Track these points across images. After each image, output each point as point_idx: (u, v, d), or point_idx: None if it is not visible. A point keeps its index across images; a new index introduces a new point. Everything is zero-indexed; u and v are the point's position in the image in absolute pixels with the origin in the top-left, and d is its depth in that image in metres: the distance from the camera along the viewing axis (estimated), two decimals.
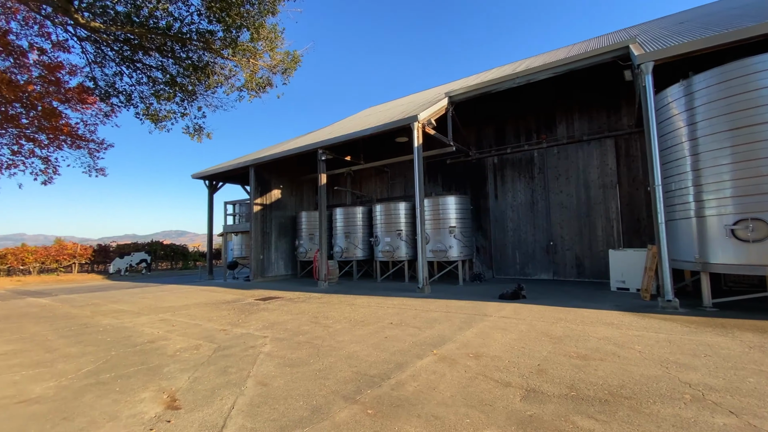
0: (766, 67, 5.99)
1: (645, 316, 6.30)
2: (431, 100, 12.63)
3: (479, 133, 14.46)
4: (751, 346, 4.47)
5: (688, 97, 6.87)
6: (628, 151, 11.33)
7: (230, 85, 9.98)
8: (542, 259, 12.77)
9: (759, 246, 5.93)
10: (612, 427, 2.73)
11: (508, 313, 6.89)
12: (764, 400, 3.08)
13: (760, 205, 5.92)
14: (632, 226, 11.14)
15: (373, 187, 17.47)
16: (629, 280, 8.97)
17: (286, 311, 8.08)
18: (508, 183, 13.67)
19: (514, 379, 3.70)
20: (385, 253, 13.12)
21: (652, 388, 3.38)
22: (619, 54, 8.81)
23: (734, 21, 7.58)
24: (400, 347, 4.97)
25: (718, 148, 6.37)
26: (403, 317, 6.88)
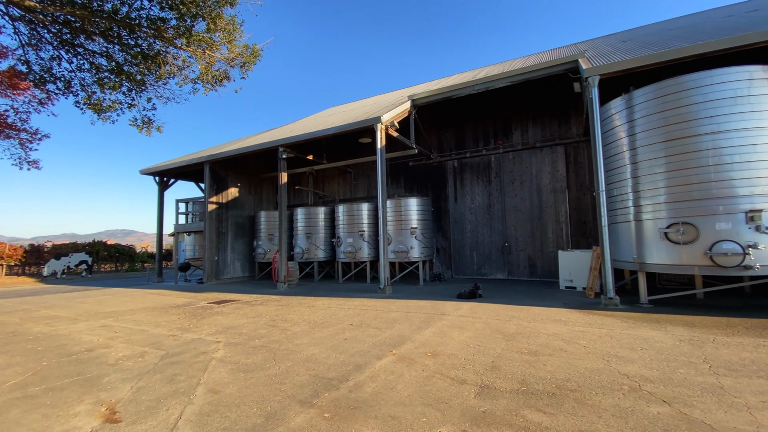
0: (697, 84, 6.62)
1: (590, 312, 6.74)
2: (394, 103, 12.73)
3: (441, 136, 14.78)
4: (681, 340, 4.90)
5: (629, 110, 7.45)
6: (577, 159, 12.08)
7: (184, 77, 9.45)
8: (498, 259, 13.28)
9: (688, 248, 6.54)
10: (558, 420, 2.88)
11: (465, 312, 7.08)
12: (693, 390, 3.38)
13: (690, 210, 6.54)
14: (579, 229, 11.88)
15: (336, 187, 17.32)
16: (576, 279, 9.55)
17: (241, 315, 7.78)
18: (467, 186, 14.08)
19: (469, 377, 3.80)
20: (348, 254, 13.03)
21: (594, 381, 3.61)
22: (569, 67, 9.38)
23: (671, 42, 8.32)
24: (360, 348, 4.95)
25: (653, 158, 6.96)
26: (363, 318, 6.86)
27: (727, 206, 6.20)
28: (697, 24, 10.78)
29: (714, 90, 6.46)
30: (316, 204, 16.84)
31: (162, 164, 16.51)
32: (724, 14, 11.49)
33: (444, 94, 11.56)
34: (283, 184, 12.32)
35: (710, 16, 12.21)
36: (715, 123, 6.37)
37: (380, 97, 19.50)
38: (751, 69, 6.41)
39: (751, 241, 6.03)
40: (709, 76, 6.51)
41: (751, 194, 6.13)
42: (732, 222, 6.16)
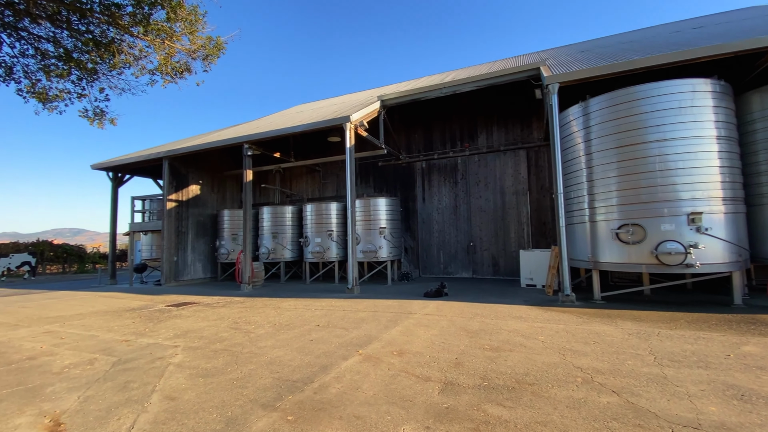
0: (646, 95, 7.10)
1: (548, 309, 7.06)
2: (363, 102, 12.72)
3: (409, 137, 14.93)
4: (630, 333, 5.24)
5: (585, 117, 7.87)
6: (538, 162, 12.61)
7: (141, 67, 8.95)
8: (463, 258, 13.60)
9: (637, 247, 7.00)
10: (517, 413, 2.99)
11: (431, 311, 7.20)
12: (639, 380, 3.62)
13: (639, 212, 7.00)
14: (539, 229, 12.40)
15: (304, 186, 17.04)
16: (536, 277, 9.97)
17: (202, 317, 7.48)
18: (435, 187, 14.31)
19: (433, 374, 3.87)
20: (315, 254, 12.87)
21: (551, 374, 3.78)
22: (531, 74, 9.77)
23: (624, 54, 8.86)
24: (326, 349, 4.90)
25: (607, 163, 7.40)
26: (330, 319, 6.80)
27: (672, 209, 6.70)
28: (647, 38, 11.56)
29: (661, 100, 6.96)
30: (283, 203, 16.50)
31: (116, 159, 15.55)
32: (672, 30, 12.40)
33: (413, 96, 11.69)
34: (248, 181, 11.97)
35: (659, 31, 13.14)
36: (661, 131, 6.86)
37: (349, 96, 19.41)
38: (694, 82, 6.97)
39: (692, 241, 6.55)
40: (657, 87, 7.01)
41: (692, 198, 6.66)
42: (675, 223, 6.66)
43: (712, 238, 6.51)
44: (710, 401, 3.12)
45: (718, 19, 12.60)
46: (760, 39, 6.71)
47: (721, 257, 6.56)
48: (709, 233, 6.49)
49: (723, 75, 7.33)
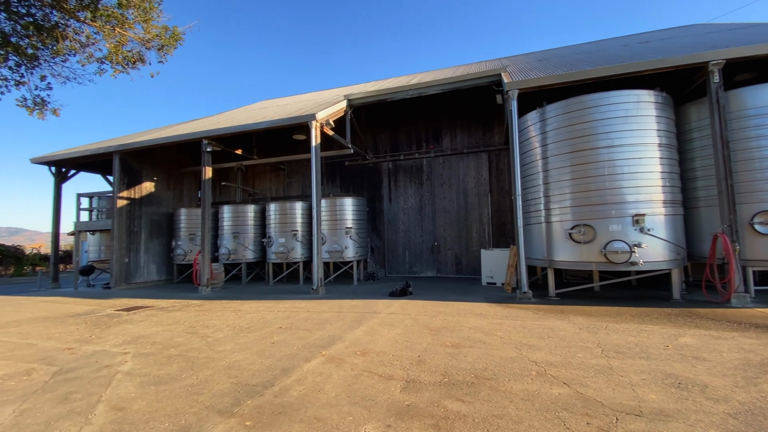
0: (597, 104, 7.56)
1: (507, 306, 7.33)
2: (330, 101, 12.60)
3: (376, 138, 14.96)
4: (581, 328, 5.56)
5: (542, 123, 8.25)
6: (498, 165, 13.07)
7: (88, 55, 8.34)
8: (428, 258, 13.83)
9: (588, 246, 7.44)
10: (475, 407, 3.08)
11: (395, 310, 7.26)
12: (588, 372, 3.84)
13: (589, 213, 7.44)
14: (500, 229, 12.86)
15: (268, 184, 16.60)
16: (496, 275, 10.33)
17: (156, 322, 7.09)
18: (401, 188, 14.45)
19: (396, 372, 3.90)
20: (279, 255, 12.58)
21: (508, 369, 3.93)
22: (493, 80, 10.11)
23: (578, 64, 9.38)
24: (288, 352, 4.81)
25: (561, 167, 7.81)
26: (294, 320, 6.67)
27: (619, 210, 7.19)
28: (599, 50, 12.31)
29: (610, 109, 7.44)
30: (245, 202, 15.98)
31: (60, 152, 14.38)
32: (621, 43, 13.28)
33: (379, 97, 11.74)
34: (207, 179, 11.49)
35: (610, 44, 14.03)
36: (610, 138, 7.34)
37: (315, 94, 19.16)
38: (639, 93, 7.51)
39: (637, 240, 7.05)
40: (606, 97, 7.48)
41: (637, 201, 7.17)
42: (622, 224, 7.15)
43: (654, 238, 7.04)
44: (651, 389, 3.37)
45: (662, 35, 13.65)
46: (697, 55, 7.36)
47: (662, 256, 7.12)
48: (651, 233, 7.02)
49: (665, 87, 7.94)
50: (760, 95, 7.38)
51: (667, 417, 2.86)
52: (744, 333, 5.03)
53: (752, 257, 7.17)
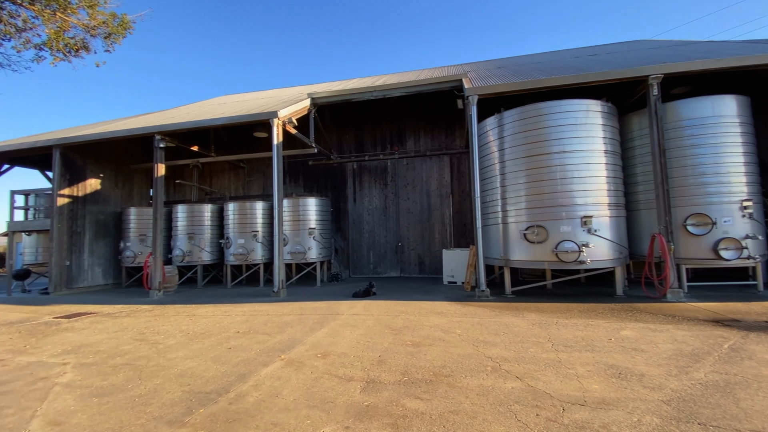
0: (550, 111, 7.97)
1: (466, 304, 7.55)
2: (293, 99, 12.37)
3: (341, 138, 14.87)
4: (533, 324, 5.84)
5: (499, 128, 8.59)
6: (460, 168, 13.44)
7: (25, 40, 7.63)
8: (392, 258, 13.95)
9: (541, 246, 7.83)
10: (433, 404, 3.15)
11: (358, 311, 7.25)
12: (539, 365, 4.04)
13: (542, 215, 7.84)
14: (461, 230, 13.23)
15: (227, 183, 16.00)
16: (457, 274, 10.61)
17: (100, 329, 6.62)
18: (366, 188, 14.46)
19: (356, 373, 3.90)
20: (238, 256, 12.15)
21: (465, 365, 4.06)
22: (455, 85, 10.37)
23: (534, 73, 9.85)
24: (245, 357, 4.66)
25: (517, 170, 8.17)
26: (252, 324, 6.48)
27: (569, 212, 7.63)
28: (553, 60, 13.00)
29: (562, 117, 7.88)
30: (202, 201, 15.29)
31: None
32: (572, 55, 14.10)
33: (344, 96, 11.68)
34: (159, 176, 10.87)
35: (563, 55, 14.85)
36: (561, 144, 7.77)
37: (278, 91, 18.72)
38: (588, 102, 8.01)
39: (585, 241, 7.51)
40: (558, 105, 7.92)
41: (585, 203, 7.64)
42: (572, 225, 7.59)
43: (600, 239, 7.55)
44: (594, 380, 3.61)
45: (609, 48, 14.65)
46: (639, 69, 7.97)
47: (607, 255, 7.64)
48: (597, 234, 7.52)
49: (610, 98, 8.53)
50: (693, 108, 8.13)
51: (608, 405, 3.08)
52: (677, 325, 5.51)
53: (685, 256, 7.88)
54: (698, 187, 7.84)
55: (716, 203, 7.69)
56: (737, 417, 2.82)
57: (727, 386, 3.37)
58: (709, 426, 2.72)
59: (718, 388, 3.34)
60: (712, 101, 8.02)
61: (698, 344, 4.58)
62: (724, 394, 3.22)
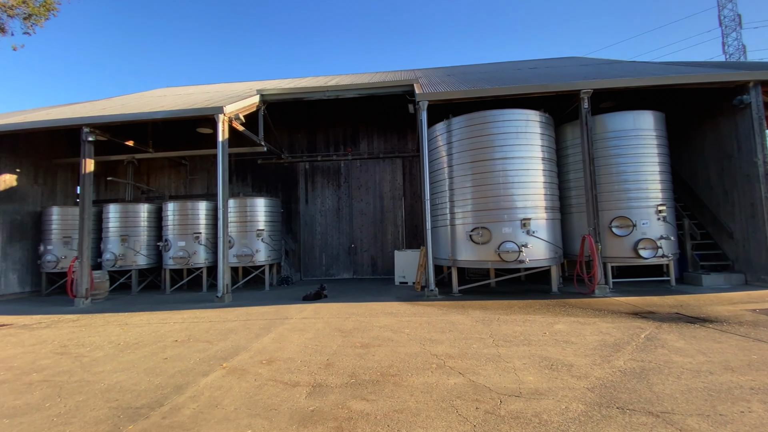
0: (494, 119, 8.41)
1: (415, 304, 7.73)
2: (241, 94, 11.88)
3: (292, 137, 14.54)
4: (477, 321, 6.11)
5: (448, 133, 8.91)
6: (412, 171, 13.73)
7: None
8: (345, 260, 13.88)
9: (485, 247, 8.22)
10: (378, 405, 3.19)
11: (308, 314, 7.13)
12: (480, 361, 4.24)
13: (486, 217, 8.24)
14: (412, 231, 13.51)
15: (167, 181, 14.96)
16: (408, 275, 10.82)
17: (14, 343, 5.89)
18: (318, 189, 14.26)
19: (303, 378, 3.84)
20: (179, 260, 11.41)
21: (412, 364, 4.15)
22: (407, 89, 10.58)
23: (480, 83, 10.32)
24: (183, 367, 4.39)
25: (464, 175, 8.53)
26: (193, 332, 6.12)
27: (510, 215, 8.09)
28: (498, 71, 13.73)
29: (504, 125, 8.35)
30: (138, 200, 14.16)
31: None
32: (515, 67, 14.97)
33: (295, 95, 11.44)
34: (87, 173, 9.91)
35: (506, 66, 15.73)
36: (504, 151, 8.24)
37: (225, 85, 17.89)
38: (528, 112, 8.56)
39: (524, 241, 8.01)
40: (502, 113, 8.39)
41: (524, 207, 8.15)
42: (512, 227, 8.06)
43: (538, 239, 8.09)
44: (529, 372, 3.86)
45: (548, 63, 15.76)
46: (573, 83, 8.66)
47: (544, 254, 8.21)
48: (535, 235, 8.05)
49: (548, 109, 9.18)
50: (618, 121, 8.99)
51: (540, 395, 3.31)
52: (603, 319, 6.05)
53: (611, 255, 8.68)
54: (621, 192, 8.69)
55: (636, 207, 8.57)
56: (650, 400, 3.15)
57: (643, 372, 3.76)
58: (626, 409, 3.01)
59: (635, 374, 3.72)
60: (634, 116, 8.93)
61: (620, 335, 5.07)
62: (640, 379, 3.59)
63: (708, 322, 5.60)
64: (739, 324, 5.41)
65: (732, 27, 45.63)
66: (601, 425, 2.76)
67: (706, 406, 2.99)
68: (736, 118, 8.86)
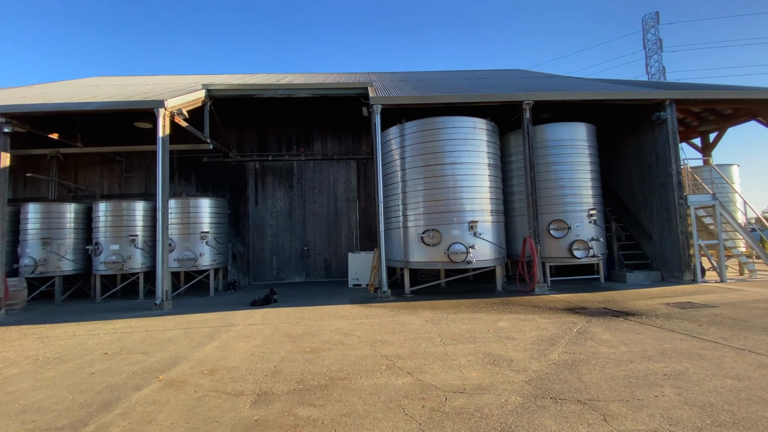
0: (444, 126, 8.72)
1: (368, 306, 7.75)
2: (185, 88, 11.22)
3: (242, 135, 13.97)
4: (427, 321, 6.26)
5: (401, 138, 9.07)
6: (366, 173, 13.78)
7: None
8: (297, 263, 13.58)
9: (436, 248, 8.47)
10: (326, 410, 3.16)
11: (256, 320, 6.88)
12: (428, 359, 4.35)
13: (437, 220, 8.50)
14: (367, 233, 13.55)
15: (98, 179, 13.70)
16: (362, 277, 10.84)
17: None
18: (269, 190, 13.83)
19: (247, 387, 3.69)
20: (111, 265, 10.48)
21: (361, 366, 4.15)
22: (361, 92, 10.61)
23: (432, 89, 10.64)
24: (113, 382, 4.04)
25: (416, 178, 8.73)
26: (125, 343, 5.65)
27: (459, 218, 8.42)
28: (448, 79, 14.22)
29: (454, 131, 8.68)
30: (64, 199, 12.82)
31: None
32: (464, 77, 15.59)
33: (245, 91, 11.00)
34: (2, 168, 8.80)
35: (456, 76, 16.34)
36: (453, 156, 8.56)
37: (167, 77, 16.79)
38: (475, 120, 8.95)
39: (471, 243, 8.36)
40: (451, 120, 8.71)
41: (472, 210, 8.52)
42: (461, 229, 8.39)
43: (484, 241, 8.48)
44: (473, 369, 4.03)
45: (495, 74, 16.61)
46: (516, 94, 9.21)
47: (489, 255, 8.62)
48: (482, 237, 8.44)
49: (494, 117, 9.67)
50: (556, 131, 9.69)
51: (483, 390, 3.46)
52: (541, 315, 6.48)
53: (549, 255, 9.32)
54: (558, 197, 9.38)
55: (571, 211, 9.29)
56: (579, 389, 3.42)
57: (574, 364, 4.07)
58: (558, 399, 3.25)
59: (567, 366, 4.02)
60: (570, 127, 9.69)
61: (555, 330, 5.45)
62: (571, 371, 3.88)
63: (630, 315, 6.21)
64: (656, 316, 6.06)
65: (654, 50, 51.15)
66: (536, 415, 2.95)
67: (626, 392, 3.31)
68: (655, 132, 9.93)
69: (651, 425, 2.74)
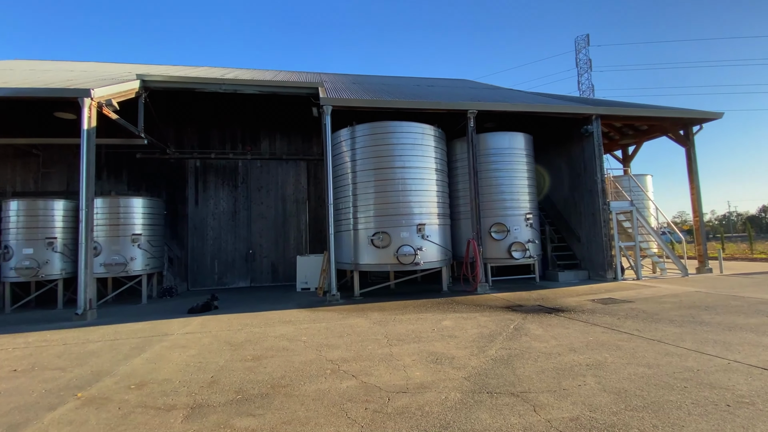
0: (394, 130, 8.88)
1: (316, 310, 7.63)
2: (116, 77, 10.31)
3: (181, 131, 13.12)
4: (375, 322, 6.30)
5: (352, 140, 9.07)
6: (317, 174, 13.58)
7: None
8: (241, 267, 13.00)
9: (385, 251, 8.56)
10: (266, 419, 3.05)
11: (193, 328, 6.47)
12: (374, 361, 4.37)
13: (387, 222, 8.60)
14: (317, 236, 13.34)
15: (10, 174, 12.12)
16: (311, 280, 10.65)
17: None
18: (211, 189, 13.11)
19: (180, 400, 3.46)
20: (24, 271, 9.29)
21: (305, 372, 4.07)
22: (311, 92, 10.44)
23: (382, 94, 10.74)
24: (23, 402, 3.58)
25: (366, 181, 8.78)
26: (39, 359, 5.03)
27: (408, 220, 8.60)
28: (399, 85, 14.48)
29: (403, 136, 8.86)
30: None
31: None
32: (414, 83, 15.97)
33: (186, 84, 10.33)
34: None
35: (407, 82, 16.69)
36: (402, 160, 8.74)
37: (97, 64, 15.33)
38: (423, 126, 9.21)
39: (419, 245, 8.57)
40: (401, 125, 8.89)
41: (420, 213, 8.74)
42: (410, 232, 8.57)
43: (431, 243, 8.74)
44: (417, 368, 4.12)
45: (443, 83, 17.21)
46: (461, 103, 9.61)
47: (436, 257, 8.89)
48: (429, 239, 8.69)
49: (441, 124, 10.01)
50: (497, 140, 10.25)
51: (425, 389, 3.55)
52: (482, 313, 6.79)
53: (491, 256, 9.81)
54: (499, 202, 9.94)
55: (510, 215, 9.88)
56: (513, 383, 3.63)
57: (509, 359, 4.32)
58: (494, 393, 3.43)
59: (503, 361, 4.25)
60: (509, 136, 10.31)
61: (494, 327, 5.75)
62: (507, 365, 4.11)
63: (561, 311, 6.73)
64: (582, 312, 6.62)
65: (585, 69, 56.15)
66: (473, 410, 3.09)
67: (554, 383, 3.58)
68: (583, 144, 10.89)
69: (574, 412, 2.98)
